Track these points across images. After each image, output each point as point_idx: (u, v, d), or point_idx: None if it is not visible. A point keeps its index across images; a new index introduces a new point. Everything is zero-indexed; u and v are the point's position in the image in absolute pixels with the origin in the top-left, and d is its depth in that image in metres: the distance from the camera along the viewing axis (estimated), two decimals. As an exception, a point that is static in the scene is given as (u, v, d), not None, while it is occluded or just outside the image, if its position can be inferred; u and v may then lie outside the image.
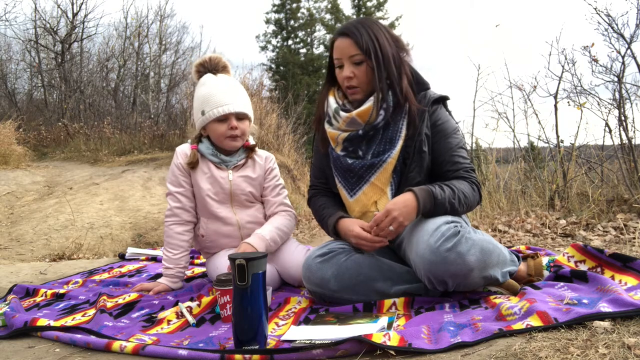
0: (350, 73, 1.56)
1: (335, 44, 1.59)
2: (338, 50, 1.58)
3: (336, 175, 1.67)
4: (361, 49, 1.54)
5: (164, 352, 1.18)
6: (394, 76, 1.56)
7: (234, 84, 1.88)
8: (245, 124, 1.85)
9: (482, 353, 1.04)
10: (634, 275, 1.40)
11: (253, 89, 6.85)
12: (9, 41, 11.77)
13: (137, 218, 4.11)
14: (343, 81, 1.60)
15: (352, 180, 1.62)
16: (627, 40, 3.05)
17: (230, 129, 1.80)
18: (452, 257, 1.32)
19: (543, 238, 2.52)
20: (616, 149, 3.19)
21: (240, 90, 1.88)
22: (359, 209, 1.63)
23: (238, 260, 1.16)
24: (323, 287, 1.51)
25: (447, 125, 1.58)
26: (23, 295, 1.90)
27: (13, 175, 5.55)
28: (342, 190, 1.67)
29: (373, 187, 1.59)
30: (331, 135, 1.66)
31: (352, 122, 1.59)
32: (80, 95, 10.48)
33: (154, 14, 12.12)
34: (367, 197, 1.60)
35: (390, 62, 1.55)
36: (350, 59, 1.56)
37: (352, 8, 20.74)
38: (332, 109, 1.64)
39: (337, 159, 1.65)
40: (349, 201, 1.65)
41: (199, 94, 1.85)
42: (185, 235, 1.89)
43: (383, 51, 1.55)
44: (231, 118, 1.80)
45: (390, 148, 1.57)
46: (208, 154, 1.86)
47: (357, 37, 1.54)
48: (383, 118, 1.56)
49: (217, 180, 1.85)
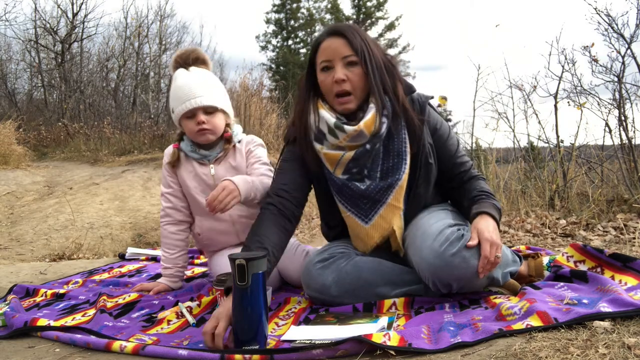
0: (344, 75, 1.41)
1: (324, 44, 1.44)
2: (328, 51, 1.43)
3: (342, 204, 1.52)
4: (355, 50, 1.41)
5: (164, 352, 1.18)
6: (387, 83, 1.45)
7: (203, 77, 1.79)
8: (215, 118, 1.77)
9: (482, 353, 1.04)
10: (634, 275, 1.40)
11: (253, 89, 6.85)
12: (9, 41, 11.77)
13: (137, 218, 4.11)
14: (332, 86, 1.43)
15: (366, 206, 1.49)
16: (627, 40, 3.05)
17: (197, 124, 1.73)
18: (456, 261, 1.31)
19: (543, 238, 2.52)
20: (616, 149, 3.19)
21: (210, 83, 1.80)
22: (378, 235, 1.50)
23: (238, 260, 1.16)
24: (323, 294, 1.48)
25: (443, 127, 1.55)
26: (23, 295, 1.90)
27: (13, 175, 5.55)
28: (352, 218, 1.52)
29: (390, 207, 1.49)
30: (330, 157, 1.48)
31: (357, 136, 1.43)
32: (80, 95, 10.48)
33: (154, 14, 12.11)
34: (385, 221, 1.49)
35: (382, 68, 1.45)
36: (343, 60, 1.42)
37: (352, 8, 20.75)
38: (329, 123, 1.44)
39: (344, 186, 1.49)
40: (364, 228, 1.50)
41: (170, 91, 1.83)
42: (180, 234, 1.88)
43: (375, 55, 1.44)
44: (198, 113, 1.73)
45: (401, 162, 1.47)
46: (188, 151, 1.82)
47: (351, 36, 1.42)
48: (386, 127, 1.44)
49: (200, 177, 1.82)
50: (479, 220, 1.38)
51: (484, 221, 1.37)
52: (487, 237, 1.31)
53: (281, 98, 7.14)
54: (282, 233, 1.46)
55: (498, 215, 1.44)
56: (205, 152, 1.82)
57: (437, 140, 1.54)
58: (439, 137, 1.54)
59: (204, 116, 1.74)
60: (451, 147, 1.55)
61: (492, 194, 1.53)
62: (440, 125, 1.55)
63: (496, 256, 1.30)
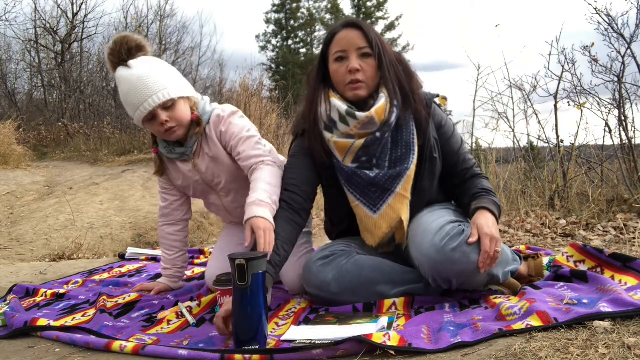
0: (358, 65, 1.45)
1: (340, 35, 1.48)
2: (343, 42, 1.47)
3: (351, 192, 1.52)
4: (370, 42, 1.46)
5: (164, 352, 1.18)
6: (400, 75, 1.49)
7: (146, 70, 1.57)
8: (177, 111, 1.57)
9: (482, 353, 1.04)
10: (634, 275, 1.40)
11: (253, 89, 6.84)
12: (9, 41, 11.78)
13: (137, 218, 4.11)
14: (345, 75, 1.47)
15: (375, 194, 1.49)
16: (627, 40, 3.05)
17: (161, 124, 1.56)
18: (457, 256, 1.32)
19: (543, 238, 2.52)
20: (616, 149, 3.19)
21: (156, 73, 1.57)
22: (386, 225, 1.49)
23: (238, 260, 1.16)
24: (323, 290, 1.48)
25: (448, 125, 1.58)
26: (23, 295, 1.90)
27: (13, 175, 5.55)
28: (360, 208, 1.52)
29: (399, 197, 1.49)
30: (340, 145, 1.49)
31: (368, 123, 1.45)
32: (80, 95, 10.48)
33: (154, 14, 12.10)
34: (393, 211, 1.49)
35: (394, 61, 1.50)
36: (358, 51, 1.46)
37: (352, 8, 20.76)
38: (341, 110, 1.46)
39: (353, 174, 1.49)
40: (373, 218, 1.50)
41: (120, 98, 1.63)
42: (177, 235, 1.86)
43: (387, 49, 1.49)
44: (157, 113, 1.54)
45: (409, 153, 1.49)
46: (167, 153, 1.70)
47: (366, 29, 1.47)
48: (396, 116, 1.47)
49: (185, 174, 1.72)
50: (478, 216, 1.40)
51: (483, 217, 1.38)
52: (487, 232, 1.33)
53: (281, 98, 7.13)
54: (293, 228, 1.48)
55: (497, 212, 1.45)
56: (181, 149, 1.67)
57: (441, 136, 1.56)
58: (443, 133, 1.56)
59: (164, 114, 1.55)
60: (455, 144, 1.57)
61: (493, 192, 1.54)
62: (445, 123, 1.57)
63: (496, 251, 1.32)
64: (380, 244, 1.53)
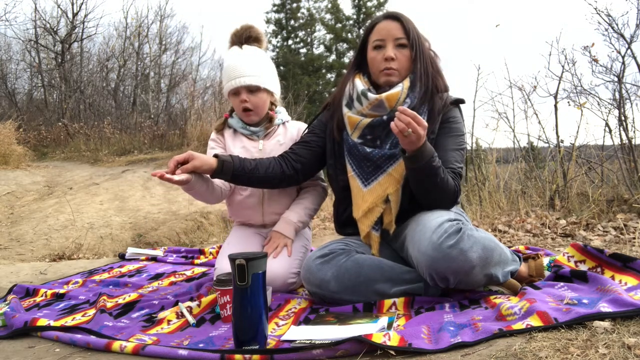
0: (393, 54, 1.58)
1: (380, 25, 1.61)
2: (383, 32, 1.60)
3: (350, 163, 1.63)
4: (407, 34, 1.58)
5: (164, 352, 1.18)
6: (429, 70, 1.60)
7: (252, 56, 1.84)
8: (259, 97, 1.82)
9: (482, 353, 1.04)
10: (634, 275, 1.40)
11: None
12: (9, 41, 11.80)
13: (137, 218, 4.11)
14: (380, 62, 1.59)
15: (369, 169, 1.59)
16: (627, 40, 3.05)
17: (240, 102, 1.81)
18: (454, 253, 1.32)
19: (543, 238, 2.52)
20: (616, 149, 3.19)
21: (258, 63, 1.84)
22: (371, 201, 1.58)
23: (238, 260, 1.16)
24: (323, 289, 1.50)
25: (455, 126, 1.61)
26: (23, 295, 1.90)
27: (13, 175, 5.55)
28: (355, 179, 1.62)
29: (389, 177, 1.57)
30: (351, 120, 1.63)
31: (378, 106, 1.57)
32: (80, 95, 10.49)
33: (154, 14, 12.15)
34: (382, 188, 1.57)
35: (428, 57, 1.61)
36: (395, 41, 1.59)
37: (352, 8, 20.76)
38: (358, 90, 1.61)
39: (354, 147, 1.61)
40: (362, 191, 1.60)
41: (222, 66, 1.88)
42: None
43: (423, 45, 1.61)
44: (241, 91, 1.80)
45: None
46: (238, 127, 1.89)
47: (405, 22, 1.59)
48: (409, 105, 1.55)
49: (248, 150, 1.86)
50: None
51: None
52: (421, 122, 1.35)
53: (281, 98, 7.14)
54: (274, 162, 1.68)
55: (431, 153, 1.42)
56: (254, 128, 1.87)
57: (442, 129, 1.59)
58: (445, 127, 1.59)
59: (246, 95, 1.80)
60: (449, 143, 1.58)
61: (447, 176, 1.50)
62: (454, 122, 1.61)
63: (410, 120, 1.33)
64: (366, 222, 1.59)
